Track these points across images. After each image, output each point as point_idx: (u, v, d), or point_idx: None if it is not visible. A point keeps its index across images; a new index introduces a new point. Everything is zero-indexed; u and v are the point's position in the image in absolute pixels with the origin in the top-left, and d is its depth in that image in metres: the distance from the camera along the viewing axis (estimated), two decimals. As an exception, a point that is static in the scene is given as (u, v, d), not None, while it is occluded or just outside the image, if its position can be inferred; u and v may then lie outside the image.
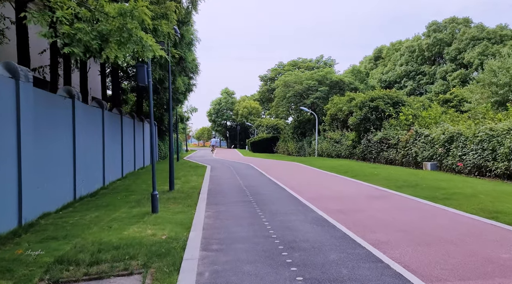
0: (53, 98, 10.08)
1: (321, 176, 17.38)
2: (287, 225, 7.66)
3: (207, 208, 9.91)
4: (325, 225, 7.60)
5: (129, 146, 19.78)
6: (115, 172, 16.33)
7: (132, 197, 11.94)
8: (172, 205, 10.33)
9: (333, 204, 9.93)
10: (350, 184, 14.11)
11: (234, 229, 7.53)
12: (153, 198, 9.17)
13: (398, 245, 6.16)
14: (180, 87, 19.21)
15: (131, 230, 7.47)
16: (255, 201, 10.77)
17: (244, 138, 70.95)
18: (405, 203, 9.97)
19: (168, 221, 8.29)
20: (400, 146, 21.77)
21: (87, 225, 8.01)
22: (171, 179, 13.22)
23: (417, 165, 19.99)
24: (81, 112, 11.80)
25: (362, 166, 20.87)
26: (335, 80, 37.02)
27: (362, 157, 26.49)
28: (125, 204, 10.68)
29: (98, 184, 13.86)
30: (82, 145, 11.72)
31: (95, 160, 13.46)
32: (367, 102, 25.88)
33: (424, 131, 20.11)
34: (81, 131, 11.67)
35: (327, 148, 32.59)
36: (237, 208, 9.80)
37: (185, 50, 15.11)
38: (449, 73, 38.57)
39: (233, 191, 12.88)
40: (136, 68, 8.99)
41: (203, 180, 16.45)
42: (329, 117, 33.14)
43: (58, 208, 9.88)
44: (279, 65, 51.69)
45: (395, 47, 47.85)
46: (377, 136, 24.19)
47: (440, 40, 40.18)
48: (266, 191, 12.78)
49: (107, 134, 14.90)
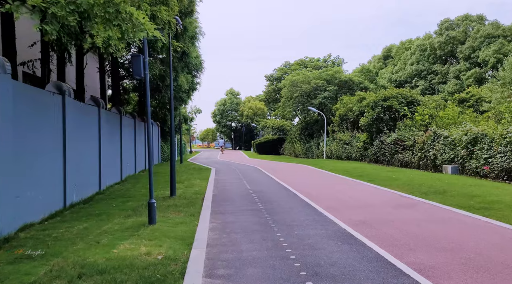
0: (39, 93, 8.98)
1: (334, 180, 16.15)
2: (307, 242, 6.46)
3: (212, 217, 8.74)
4: (352, 242, 6.39)
5: (129, 147, 18.69)
6: (113, 175, 15.22)
7: (128, 204, 10.81)
8: (173, 214, 9.17)
9: (354, 214, 8.72)
10: (368, 190, 12.87)
11: (244, 246, 6.35)
12: (150, 207, 8.00)
13: (451, 272, 4.94)
14: (183, 85, 18.08)
15: (122, 247, 6.31)
16: (266, 209, 9.59)
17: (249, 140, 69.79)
18: (438, 214, 8.73)
19: (167, 234, 7.13)
20: (417, 148, 20.48)
21: (72, 240, 6.87)
22: (173, 184, 12.08)
23: (436, 168, 18.69)
24: (73, 110, 10.70)
25: (377, 169, 19.60)
26: (344, 79, 35.74)
27: (375, 159, 25.20)
28: (120, 212, 9.54)
29: (94, 188, 12.75)
30: (74, 147, 10.61)
31: (90, 162, 12.36)
32: (379, 102, 24.61)
33: (443, 132, 18.81)
34: (73, 132, 10.56)
35: (336, 149, 31.32)
36: (246, 218, 8.62)
37: (188, 44, 14.00)
38: (463, 72, 37.13)
39: (240, 197, 11.70)
40: (131, 59, 7.86)
41: (207, 184, 15.30)
42: (338, 117, 31.86)
43: (44, 217, 8.75)
44: (286, 65, 50.45)
45: (405, 45, 46.48)
46: (391, 137, 22.91)
47: (453, 38, 38.74)
48: (277, 197, 11.59)
49: (104, 135, 13.80)
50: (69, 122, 10.26)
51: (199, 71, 22.01)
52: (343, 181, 15.70)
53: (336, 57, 48.98)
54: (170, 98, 11.31)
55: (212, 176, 18.48)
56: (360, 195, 11.79)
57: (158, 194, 12.48)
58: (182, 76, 17.54)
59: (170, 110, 11.56)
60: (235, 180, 16.89)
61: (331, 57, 49.10)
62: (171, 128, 12.15)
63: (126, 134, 18.08)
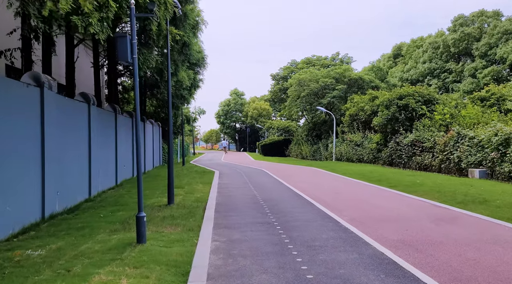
0: (10, 84, 7.54)
1: (351, 186, 14.59)
2: (339, 273, 4.93)
3: (215, 233, 7.24)
4: (399, 275, 4.85)
5: (126, 149, 17.25)
6: (106, 180, 13.77)
7: (118, 214, 9.34)
8: (168, 229, 7.67)
9: (389, 231, 7.17)
10: (393, 198, 11.30)
11: (256, 278, 4.84)
12: (139, 222, 6.51)
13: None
14: (184, 81, 16.61)
15: (96, 279, 4.83)
16: (279, 222, 8.07)
17: (254, 141, 68.24)
18: (493, 231, 7.14)
19: (157, 259, 5.63)
20: (438, 150, 18.85)
21: (37, 267, 5.40)
22: (170, 191, 10.59)
23: (461, 172, 17.05)
24: (55, 105, 9.25)
25: (395, 173, 18.00)
26: (354, 78, 34.11)
27: (389, 161, 23.58)
28: (106, 225, 8.07)
29: (82, 195, 11.30)
30: (55, 148, 9.16)
31: (77, 166, 10.91)
32: (394, 100, 23.01)
33: (468, 133, 17.19)
34: (54, 130, 9.11)
35: (346, 151, 29.72)
36: (256, 234, 7.11)
37: (189, 34, 12.53)
38: (479, 70, 35.37)
39: (247, 206, 10.19)
40: (116, 39, 6.38)
41: (210, 189, 13.81)
42: (349, 117, 30.28)
43: (13, 233, 7.28)
44: (292, 63, 48.83)
45: (416, 43, 44.74)
46: (408, 138, 21.29)
47: (468, 34, 36.97)
48: (289, 206, 10.06)
49: (96, 135, 12.37)
50: (49, 119, 8.81)
51: (201, 67, 20.52)
52: (361, 187, 14.13)
53: (345, 55, 47.32)
54: (168, 92, 9.84)
55: (215, 180, 16.99)
56: (385, 204, 10.22)
57: (154, 202, 11.00)
58: (183, 71, 16.07)
59: (168, 106, 10.09)
60: (241, 185, 15.38)
61: (339, 55, 47.43)
62: (169, 128, 10.69)
63: (123, 135, 16.64)
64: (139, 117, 6.55)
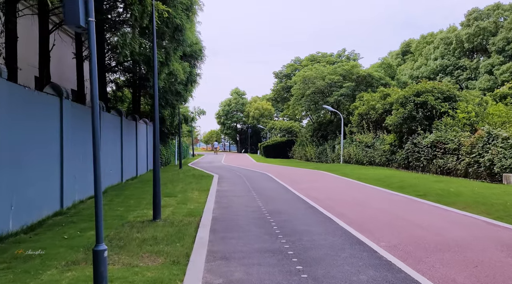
0: None
1: (372, 194, 12.55)
2: None
3: (208, 270, 5.22)
4: None
5: (112, 151, 15.26)
6: (85, 187, 11.75)
7: (88, 234, 7.34)
8: (145, 260, 5.66)
9: (452, 267, 5.14)
10: (432, 212, 9.23)
11: None
12: (96, 259, 4.44)
13: None
14: (178, 74, 14.61)
15: None
16: (295, 251, 6.03)
17: (255, 142, 66.17)
18: None
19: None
20: (463, 152, 16.79)
21: None
22: (156, 203, 8.58)
23: (493, 177, 15.00)
24: (10, 98, 7.28)
25: (417, 178, 15.93)
26: (362, 75, 32.03)
27: (405, 164, 21.52)
28: (65, 253, 6.07)
29: (51, 207, 9.30)
30: (10, 150, 7.18)
31: (44, 172, 8.92)
32: (411, 97, 20.95)
33: (501, 132, 15.14)
34: (8, 129, 7.14)
35: (356, 153, 27.66)
36: (266, 271, 5.08)
37: (181, 15, 10.54)
38: (497, 66, 33.28)
39: (251, 224, 8.16)
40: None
41: (206, 199, 11.79)
42: (358, 116, 28.23)
43: None
44: (296, 61, 46.71)
45: (426, 39, 42.64)
46: (427, 139, 19.24)
47: (483, 29, 34.85)
48: (304, 225, 8.02)
49: (70, 135, 10.41)
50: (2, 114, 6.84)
51: (198, 59, 18.52)
52: (385, 196, 12.09)
53: (351, 51, 45.23)
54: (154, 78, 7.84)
55: (213, 187, 14.97)
56: (426, 221, 8.17)
57: (136, 216, 9.00)
58: (176, 63, 14.04)
59: (154, 97, 8.11)
60: (243, 193, 13.35)
61: (345, 51, 45.33)
62: (155, 125, 8.75)
63: (109, 135, 14.67)
64: (97, 106, 4.53)
